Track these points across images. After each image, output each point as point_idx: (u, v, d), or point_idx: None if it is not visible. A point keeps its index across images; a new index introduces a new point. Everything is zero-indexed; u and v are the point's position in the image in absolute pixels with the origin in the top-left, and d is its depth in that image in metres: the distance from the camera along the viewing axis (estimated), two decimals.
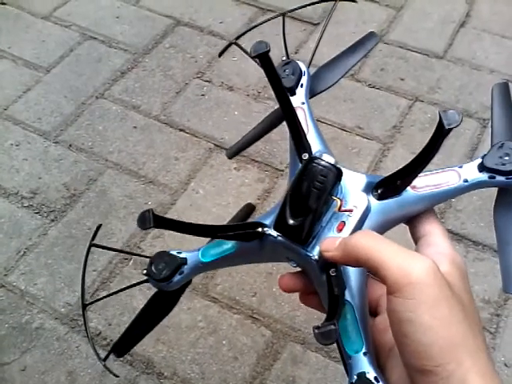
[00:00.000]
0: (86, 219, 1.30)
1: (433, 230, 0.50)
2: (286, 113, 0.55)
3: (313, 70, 0.67)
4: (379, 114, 1.49)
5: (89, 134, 1.46)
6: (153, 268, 0.53)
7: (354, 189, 0.50)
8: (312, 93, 0.65)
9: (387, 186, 0.51)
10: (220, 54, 0.79)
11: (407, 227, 0.54)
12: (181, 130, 1.47)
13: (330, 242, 0.45)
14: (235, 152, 0.80)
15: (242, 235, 0.51)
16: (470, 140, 1.41)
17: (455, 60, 1.61)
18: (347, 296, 0.47)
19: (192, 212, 1.30)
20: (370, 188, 0.51)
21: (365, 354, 0.45)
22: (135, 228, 1.27)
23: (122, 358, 1.10)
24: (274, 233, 0.49)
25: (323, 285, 0.48)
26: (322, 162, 0.47)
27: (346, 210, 0.49)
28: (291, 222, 0.47)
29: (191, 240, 0.62)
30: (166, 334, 1.13)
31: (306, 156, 0.54)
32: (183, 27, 1.73)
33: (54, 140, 1.45)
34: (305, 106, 0.61)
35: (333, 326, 0.41)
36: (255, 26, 0.76)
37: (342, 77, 0.70)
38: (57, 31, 1.72)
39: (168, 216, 1.29)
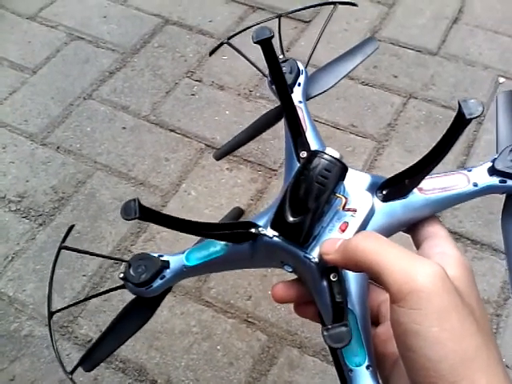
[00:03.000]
0: (75, 223, 1.26)
1: (437, 232, 0.47)
2: (285, 103, 0.52)
3: (309, 72, 0.66)
4: (373, 111, 1.47)
5: (77, 136, 1.43)
6: (131, 271, 0.49)
7: (357, 188, 0.47)
8: (307, 96, 0.63)
9: (393, 187, 0.48)
10: (211, 53, 0.77)
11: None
12: (171, 131, 1.44)
13: (331, 243, 0.42)
14: (222, 154, 0.77)
15: (234, 235, 0.47)
16: (466, 137, 1.38)
17: (449, 56, 1.59)
18: (348, 303, 0.44)
19: (184, 214, 1.27)
20: (375, 188, 0.48)
21: (367, 367, 0.42)
22: (126, 231, 1.24)
23: (113, 365, 1.07)
24: (270, 233, 0.45)
25: (322, 291, 0.44)
26: (326, 156, 0.44)
27: (349, 209, 0.46)
28: (291, 219, 0.43)
29: (185, 244, 0.59)
30: (158, 340, 1.10)
31: (304, 154, 0.51)
32: (172, 26, 1.70)
33: (42, 142, 1.42)
34: (302, 105, 0.59)
35: (344, 328, 0.38)
36: (249, 27, 0.74)
37: (339, 81, 0.68)
38: (43, 32, 1.69)
39: None
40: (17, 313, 1.14)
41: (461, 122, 0.41)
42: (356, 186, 0.47)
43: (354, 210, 0.46)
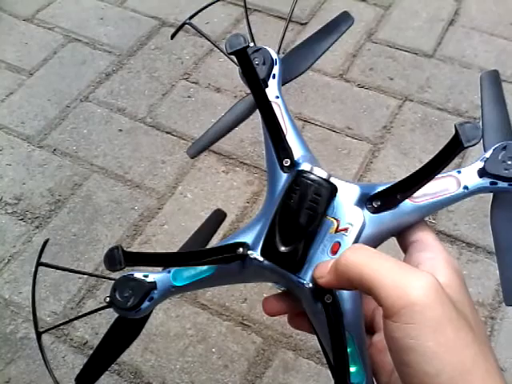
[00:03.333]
0: (72, 225, 1.26)
1: (424, 236, 0.46)
2: (265, 114, 0.49)
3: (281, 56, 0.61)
4: (369, 114, 1.47)
5: (73, 138, 1.43)
6: (117, 296, 0.46)
7: (347, 203, 0.45)
8: (282, 81, 0.58)
9: (385, 199, 0.46)
10: (172, 36, 0.70)
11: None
12: (167, 133, 1.44)
13: (323, 266, 0.41)
14: (198, 151, 0.71)
15: (222, 260, 0.45)
16: None
17: (445, 59, 1.60)
18: (344, 324, 0.43)
19: (180, 216, 1.27)
20: (364, 200, 0.47)
21: None
22: (122, 234, 1.24)
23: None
24: (260, 257, 0.44)
25: (317, 313, 0.43)
26: (313, 177, 0.42)
27: (341, 230, 0.44)
28: (283, 249, 0.42)
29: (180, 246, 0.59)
30: (154, 343, 1.10)
31: (287, 162, 0.48)
32: (168, 28, 1.70)
33: (38, 144, 1.42)
34: (279, 101, 0.54)
35: None
36: (209, 5, 0.69)
37: (314, 62, 0.63)
38: (40, 33, 1.69)
39: (155, 221, 1.26)
40: (13, 315, 1.14)
41: (456, 147, 0.39)
42: (345, 199, 0.46)
43: (346, 229, 0.44)
